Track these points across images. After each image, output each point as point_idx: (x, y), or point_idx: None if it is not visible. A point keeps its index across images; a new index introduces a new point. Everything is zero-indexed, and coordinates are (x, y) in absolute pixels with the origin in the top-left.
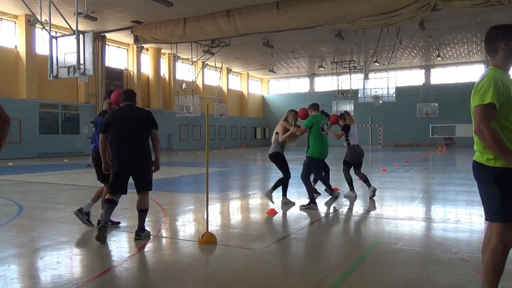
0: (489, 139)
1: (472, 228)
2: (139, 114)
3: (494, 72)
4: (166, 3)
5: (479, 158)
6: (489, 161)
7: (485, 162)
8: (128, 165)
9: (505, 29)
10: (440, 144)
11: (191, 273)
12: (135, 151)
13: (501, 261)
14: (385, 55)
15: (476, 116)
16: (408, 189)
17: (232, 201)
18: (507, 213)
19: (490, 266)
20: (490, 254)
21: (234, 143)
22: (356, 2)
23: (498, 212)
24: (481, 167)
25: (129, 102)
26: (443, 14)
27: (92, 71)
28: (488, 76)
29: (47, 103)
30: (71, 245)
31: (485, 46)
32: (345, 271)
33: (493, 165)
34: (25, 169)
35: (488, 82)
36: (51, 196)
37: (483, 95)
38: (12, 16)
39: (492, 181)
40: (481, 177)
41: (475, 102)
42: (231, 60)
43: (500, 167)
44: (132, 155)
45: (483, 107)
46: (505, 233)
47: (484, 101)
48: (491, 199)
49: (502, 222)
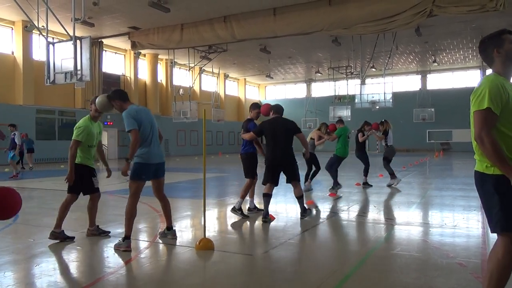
0: (488, 147)
1: (470, 233)
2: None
3: (493, 77)
4: (164, 9)
5: (479, 167)
6: (488, 169)
7: (485, 170)
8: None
9: (492, 37)
10: (437, 149)
11: (188, 280)
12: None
13: (508, 272)
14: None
15: (476, 122)
16: (406, 194)
17: (229, 206)
18: (509, 222)
19: (495, 276)
20: (497, 265)
21: (232, 149)
22: (353, 8)
23: (499, 222)
24: (482, 176)
25: (278, 114)
26: (439, 20)
27: (89, 77)
28: (487, 81)
29: (44, 108)
30: (67, 251)
31: (482, 59)
32: (343, 276)
33: (493, 172)
34: (21, 175)
35: (485, 87)
36: (48, 202)
37: (481, 101)
38: (9, 22)
39: (492, 189)
40: (482, 186)
41: (474, 107)
42: (228, 65)
43: (501, 174)
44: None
45: (481, 113)
46: (511, 244)
47: (482, 106)
48: (492, 208)
49: (503, 232)
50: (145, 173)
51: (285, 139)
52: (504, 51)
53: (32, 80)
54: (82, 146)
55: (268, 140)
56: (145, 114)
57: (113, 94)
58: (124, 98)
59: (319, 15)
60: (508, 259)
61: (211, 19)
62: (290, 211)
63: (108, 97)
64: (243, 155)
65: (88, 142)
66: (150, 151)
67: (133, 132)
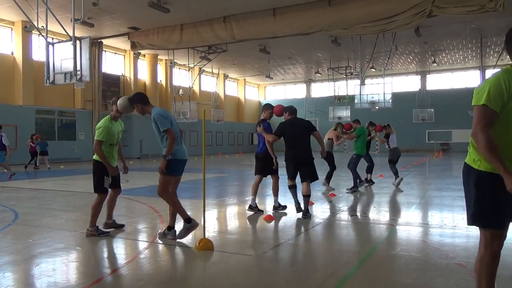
0: (482, 143)
1: (469, 233)
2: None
3: (501, 73)
4: (163, 10)
5: (468, 159)
6: (475, 163)
7: (471, 163)
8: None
9: None
10: (437, 150)
11: (188, 280)
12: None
13: (492, 267)
14: (381, 61)
15: (475, 116)
16: (405, 195)
17: (229, 207)
18: (477, 217)
19: (482, 274)
20: (480, 263)
21: (231, 149)
22: (352, 8)
23: (472, 216)
24: (468, 168)
25: (294, 115)
26: (438, 20)
27: (88, 77)
28: (493, 77)
29: (43, 109)
30: (67, 252)
31: (506, 47)
32: (343, 277)
33: (477, 167)
34: (21, 176)
35: (488, 83)
36: (47, 203)
37: (480, 96)
38: (8, 22)
39: (472, 183)
40: (466, 178)
41: (473, 101)
42: (228, 66)
43: (484, 171)
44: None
45: (478, 108)
46: (491, 241)
47: (480, 101)
48: (468, 201)
49: (473, 224)
50: (180, 169)
51: (306, 138)
52: None
53: (31, 80)
54: (104, 145)
55: (289, 140)
56: (170, 114)
57: (135, 98)
58: (145, 101)
59: (318, 16)
60: (488, 256)
61: (210, 19)
62: (290, 212)
63: (129, 100)
64: (260, 154)
65: (109, 141)
66: (182, 148)
67: (170, 131)
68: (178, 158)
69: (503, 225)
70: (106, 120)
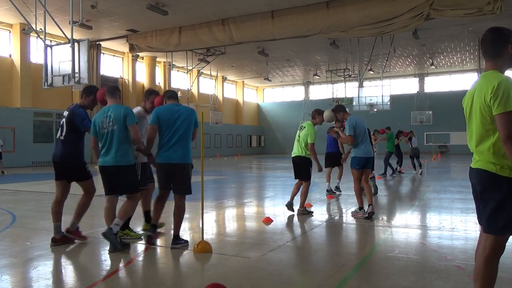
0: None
1: (467, 235)
2: None
3: (506, 77)
4: (162, 12)
5: (488, 167)
6: (503, 171)
7: (499, 172)
8: None
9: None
10: (435, 152)
11: (187, 282)
12: None
13: (496, 270)
14: (380, 63)
15: (504, 123)
16: (404, 197)
17: (227, 209)
18: (509, 225)
19: (485, 275)
20: (485, 264)
21: (230, 151)
22: (351, 11)
23: (509, 225)
24: (494, 177)
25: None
26: (436, 23)
27: (87, 79)
28: (505, 80)
29: (41, 111)
30: (65, 254)
31: (485, 47)
32: (341, 279)
33: (508, 175)
34: (18, 178)
35: (506, 87)
36: (45, 205)
37: (507, 101)
38: (6, 25)
39: (506, 191)
40: (492, 187)
41: (499, 109)
42: (226, 68)
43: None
44: None
45: (509, 115)
46: (502, 246)
47: (507, 107)
48: (503, 210)
49: (497, 234)
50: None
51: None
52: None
53: (29, 83)
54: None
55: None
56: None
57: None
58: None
59: (317, 18)
60: (496, 258)
61: (209, 22)
62: (288, 214)
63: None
64: (331, 153)
65: None
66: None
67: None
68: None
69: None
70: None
